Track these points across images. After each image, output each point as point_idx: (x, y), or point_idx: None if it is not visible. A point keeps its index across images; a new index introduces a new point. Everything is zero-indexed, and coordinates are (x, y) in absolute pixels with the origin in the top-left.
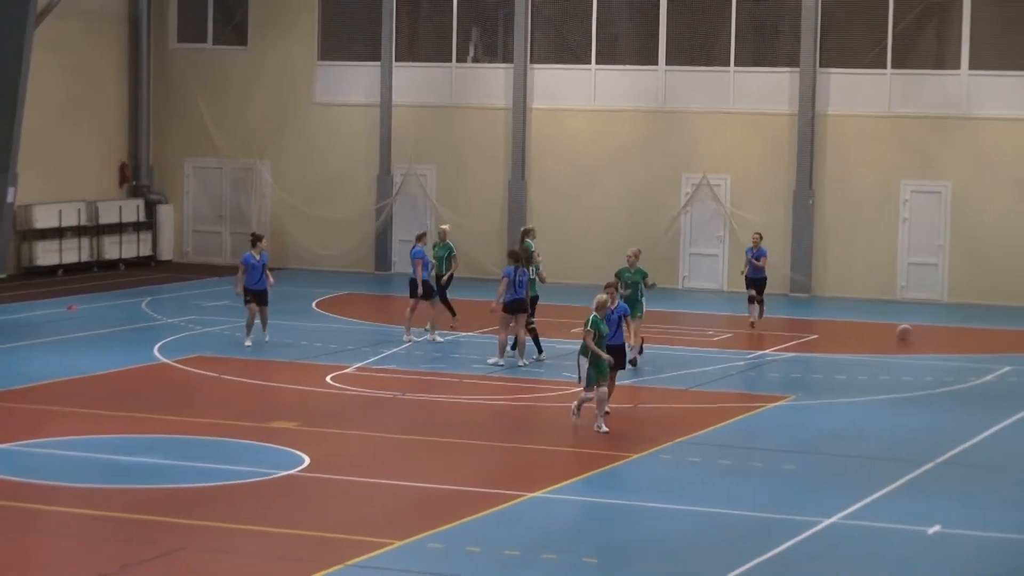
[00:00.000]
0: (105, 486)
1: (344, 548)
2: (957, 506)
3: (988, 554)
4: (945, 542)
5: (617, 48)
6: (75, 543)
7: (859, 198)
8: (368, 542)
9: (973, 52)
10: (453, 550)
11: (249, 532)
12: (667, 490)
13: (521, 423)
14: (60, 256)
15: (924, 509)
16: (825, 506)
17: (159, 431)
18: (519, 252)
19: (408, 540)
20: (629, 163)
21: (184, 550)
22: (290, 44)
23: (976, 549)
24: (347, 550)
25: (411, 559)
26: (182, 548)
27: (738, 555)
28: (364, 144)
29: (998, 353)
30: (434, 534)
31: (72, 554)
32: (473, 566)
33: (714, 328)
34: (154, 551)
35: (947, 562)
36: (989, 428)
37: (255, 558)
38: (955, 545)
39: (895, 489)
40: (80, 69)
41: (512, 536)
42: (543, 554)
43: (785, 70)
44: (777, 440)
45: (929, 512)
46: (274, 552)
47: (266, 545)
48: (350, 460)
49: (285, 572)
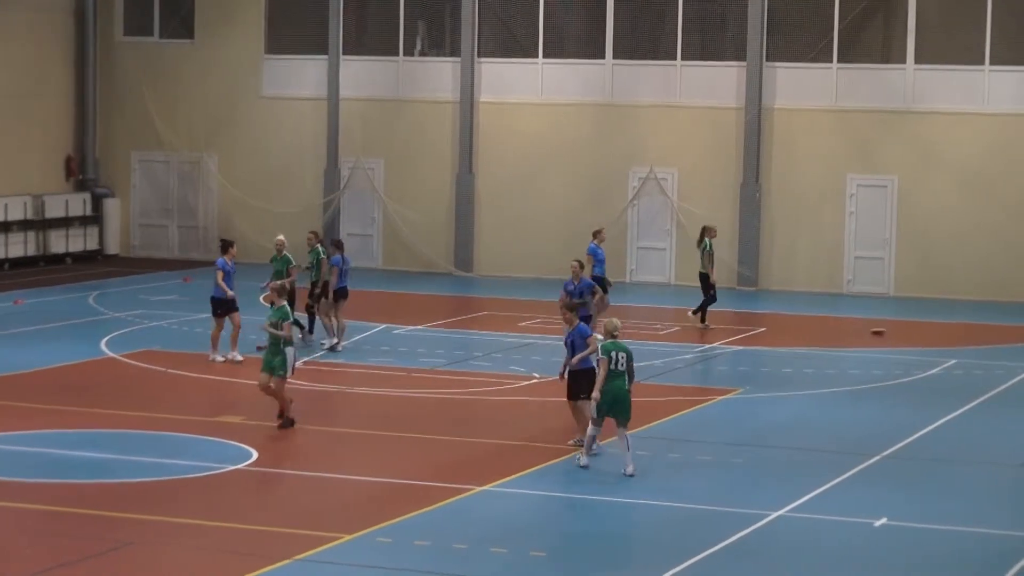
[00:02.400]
0: (52, 481)
1: (293, 542)
2: (903, 498)
3: (933, 545)
4: (891, 534)
5: (564, 42)
6: (20, 538)
7: (806, 192)
8: (317, 536)
9: (918, 46)
10: (402, 544)
11: (197, 526)
12: (616, 483)
13: (469, 417)
14: (6, 250)
15: (871, 501)
16: (773, 499)
17: (106, 426)
18: (341, 241)
19: (357, 534)
20: (576, 157)
21: (131, 545)
22: (237, 38)
23: (921, 541)
24: (296, 544)
25: (360, 553)
26: (130, 543)
27: (686, 548)
28: (311, 138)
29: (944, 347)
30: (383, 528)
31: (17, 549)
32: (422, 559)
33: (662, 322)
34: (101, 546)
35: (893, 553)
36: (935, 421)
37: (203, 552)
38: (901, 537)
39: (842, 482)
40: (25, 61)
41: (461, 529)
42: (492, 548)
43: (732, 64)
44: (725, 433)
45: (875, 504)
46: (222, 547)
47: (214, 540)
48: (298, 454)
49: (233, 567)
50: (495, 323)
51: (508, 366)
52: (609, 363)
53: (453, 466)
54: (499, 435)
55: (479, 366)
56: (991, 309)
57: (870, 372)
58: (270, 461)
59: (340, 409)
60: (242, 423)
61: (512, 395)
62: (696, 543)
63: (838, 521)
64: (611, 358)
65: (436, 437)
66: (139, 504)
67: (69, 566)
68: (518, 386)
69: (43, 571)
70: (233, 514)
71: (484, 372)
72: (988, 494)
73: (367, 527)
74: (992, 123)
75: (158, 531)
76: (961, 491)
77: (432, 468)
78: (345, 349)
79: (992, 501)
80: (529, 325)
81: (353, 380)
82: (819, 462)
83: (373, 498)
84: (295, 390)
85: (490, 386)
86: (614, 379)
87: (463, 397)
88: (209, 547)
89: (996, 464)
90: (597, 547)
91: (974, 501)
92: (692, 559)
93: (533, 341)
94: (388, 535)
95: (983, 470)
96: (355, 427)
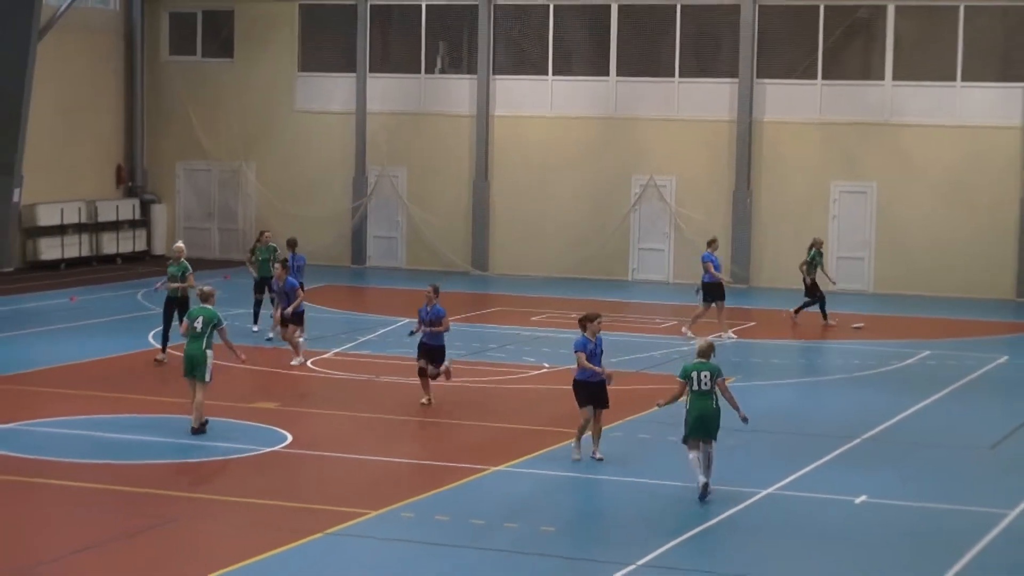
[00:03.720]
0: (102, 462)
1: (324, 518)
2: (882, 477)
3: (910, 520)
4: (871, 510)
5: (572, 60)
6: (75, 514)
7: (793, 198)
8: (346, 512)
9: (896, 64)
10: (424, 519)
11: (237, 504)
12: (619, 464)
13: (485, 403)
14: (62, 251)
15: (852, 480)
16: (763, 478)
17: (153, 411)
18: (295, 240)
19: (383, 510)
20: (583, 165)
21: (175, 521)
22: (272, 57)
23: (899, 516)
24: (327, 519)
25: (386, 527)
26: (174, 519)
27: (684, 522)
28: (341, 148)
29: (919, 339)
30: (406, 504)
31: (72, 524)
32: (442, 533)
33: (661, 316)
34: (148, 522)
35: (873, 528)
36: (911, 407)
37: (242, 527)
38: (880, 512)
39: (826, 462)
40: (80, 79)
41: (477, 506)
42: (505, 523)
43: (725, 81)
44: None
45: (857, 483)
46: (260, 522)
47: (253, 515)
48: (329, 438)
49: (270, 540)
50: (508, 318)
51: (521, 357)
52: (690, 384)
53: (471, 448)
54: (512, 420)
55: (494, 357)
56: (962, 305)
57: (852, 362)
58: (303, 444)
59: (368, 396)
60: (277, 409)
61: (524, 383)
62: (692, 518)
63: (822, 498)
64: (691, 379)
65: (455, 422)
66: (182, 483)
67: (116, 540)
68: (530, 375)
69: (94, 545)
70: (269, 492)
71: (499, 362)
72: (960, 473)
73: (392, 504)
74: (963, 135)
75: (200, 508)
76: (935, 471)
77: (451, 450)
78: (371, 341)
79: (963, 480)
80: (540, 319)
81: (380, 369)
82: (805, 444)
83: (397, 477)
84: (326, 379)
85: (504, 375)
86: (699, 399)
87: (480, 385)
88: (247, 522)
89: (967, 446)
90: (601, 522)
91: (947, 480)
92: (688, 532)
93: (544, 334)
94: (411, 511)
95: (955, 452)
96: (381, 412)
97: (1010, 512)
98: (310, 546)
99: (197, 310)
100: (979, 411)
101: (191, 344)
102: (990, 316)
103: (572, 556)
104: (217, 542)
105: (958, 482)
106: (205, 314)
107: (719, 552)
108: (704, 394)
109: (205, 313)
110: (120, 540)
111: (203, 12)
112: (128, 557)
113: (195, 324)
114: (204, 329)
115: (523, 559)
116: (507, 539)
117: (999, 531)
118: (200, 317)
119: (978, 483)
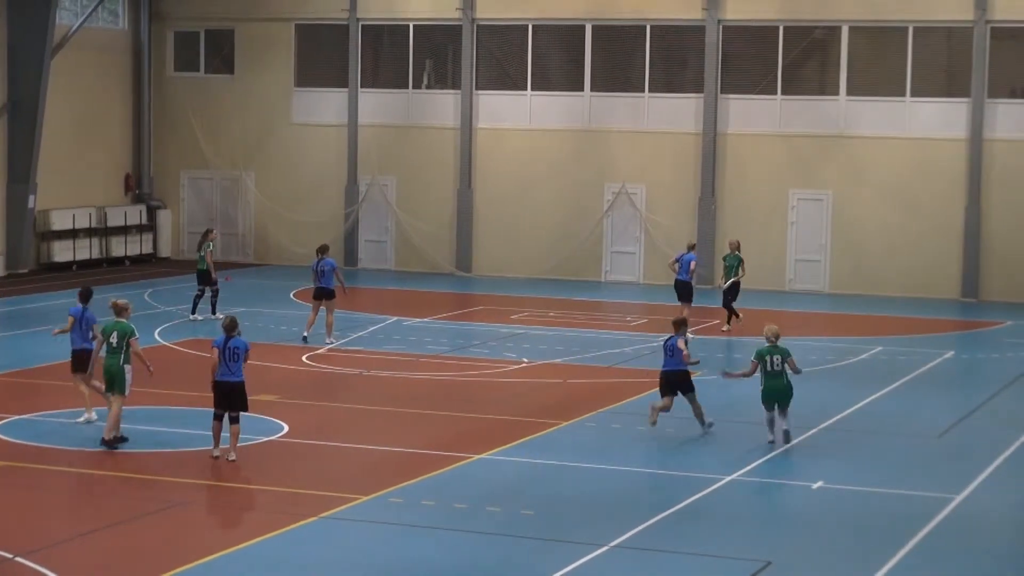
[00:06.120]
0: (113, 450)
1: (318, 502)
2: (837, 464)
3: (864, 504)
4: (827, 495)
5: (549, 76)
6: (86, 499)
7: (754, 204)
8: (338, 497)
9: (850, 80)
10: (411, 503)
11: (238, 489)
12: (593, 452)
13: (468, 396)
14: (74, 253)
15: (809, 467)
16: (725, 465)
17: (159, 403)
18: (327, 245)
19: (372, 495)
20: (559, 174)
21: (182, 504)
22: (270, 73)
23: (854, 500)
24: (321, 504)
25: (375, 511)
26: (181, 503)
27: (653, 507)
28: (334, 158)
29: (871, 336)
30: (394, 490)
31: (82, 509)
32: (428, 517)
33: (632, 315)
34: (156, 506)
35: (830, 512)
36: (863, 399)
37: (243, 511)
38: (836, 497)
39: (785, 451)
40: (91, 94)
41: (461, 491)
42: (487, 507)
43: (691, 96)
44: (686, 409)
45: (814, 470)
46: (259, 506)
47: (252, 500)
48: (323, 428)
49: (269, 523)
50: (491, 316)
51: (502, 353)
52: (763, 366)
53: (455, 438)
54: (494, 411)
55: (477, 352)
56: (912, 304)
57: (808, 357)
58: (299, 433)
59: (358, 389)
60: (276, 401)
61: (505, 377)
62: (661, 503)
63: (781, 484)
64: (765, 361)
65: (440, 413)
66: (189, 470)
67: (127, 522)
68: (510, 369)
69: (105, 526)
70: (268, 478)
71: (481, 358)
72: (910, 461)
73: (381, 489)
74: (912, 146)
75: (203, 493)
76: (887, 458)
77: (437, 439)
78: (362, 338)
79: (913, 467)
80: (520, 317)
81: (369, 364)
82: (764, 433)
83: (386, 465)
84: (321, 373)
85: (486, 369)
86: (773, 378)
87: (463, 379)
88: (248, 507)
89: (917, 436)
90: (577, 507)
91: (898, 467)
92: (657, 516)
93: (523, 331)
94: (399, 496)
95: (906, 441)
96: (371, 404)
97: (956, 496)
98: (305, 529)
99: (112, 324)
100: (927, 402)
101: (109, 359)
102: (937, 314)
103: (550, 538)
104: (220, 524)
105: (908, 469)
106: (120, 328)
107: (686, 534)
108: (776, 374)
109: (120, 327)
110: (129, 523)
111: (206, 31)
112: (136, 539)
113: (111, 339)
114: (120, 343)
115: (504, 540)
116: (489, 522)
117: (946, 514)
118: (115, 332)
119: (927, 470)
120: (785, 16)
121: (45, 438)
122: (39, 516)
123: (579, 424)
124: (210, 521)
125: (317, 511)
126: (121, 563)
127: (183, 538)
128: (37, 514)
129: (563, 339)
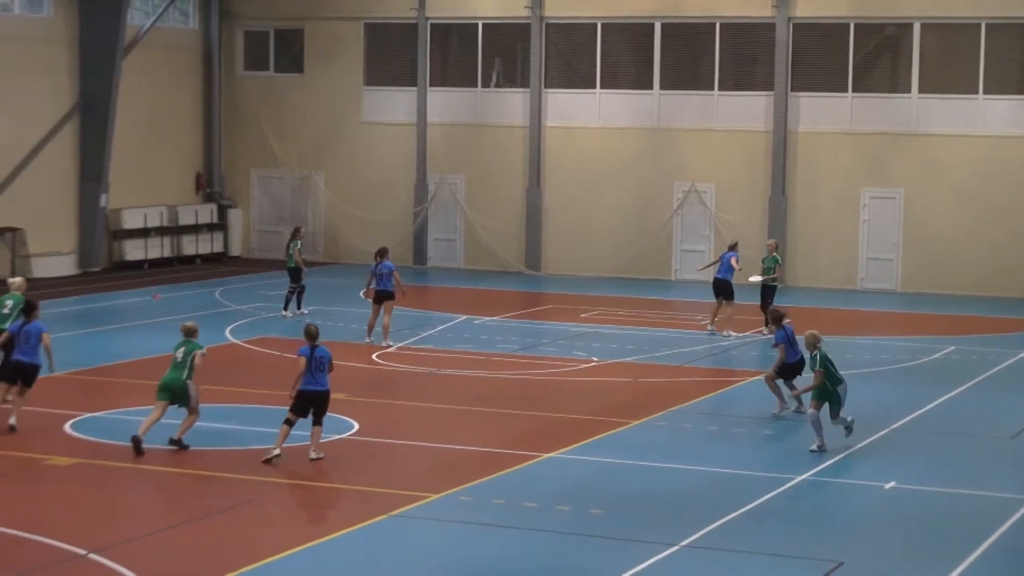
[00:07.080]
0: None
1: (388, 500)
2: (910, 464)
3: (937, 505)
4: (899, 495)
5: (618, 75)
6: (157, 497)
7: (825, 203)
8: (409, 495)
9: (922, 78)
10: (481, 502)
11: (308, 487)
12: (663, 451)
13: (537, 394)
14: (145, 252)
15: (882, 467)
16: (797, 465)
17: (231, 402)
18: (385, 248)
19: (442, 494)
20: (628, 173)
21: (251, 503)
22: (340, 72)
23: (927, 501)
24: (391, 502)
25: (445, 510)
26: (250, 501)
27: (724, 506)
28: (403, 157)
29: (943, 335)
30: (465, 488)
31: (155, 505)
32: (497, 515)
33: (702, 314)
34: (225, 504)
35: (903, 512)
36: (936, 399)
37: (313, 509)
38: (909, 497)
39: (857, 450)
40: (162, 93)
41: (530, 490)
42: (557, 506)
43: (761, 94)
44: (756, 409)
45: (886, 470)
46: (329, 503)
47: (322, 497)
48: (393, 426)
49: (339, 521)
50: (560, 315)
51: (572, 351)
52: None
53: (525, 436)
54: (563, 410)
55: (547, 351)
56: (985, 303)
57: (880, 357)
58: (369, 432)
59: (429, 387)
60: (346, 399)
61: (575, 376)
62: (732, 502)
63: (854, 484)
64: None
65: (510, 412)
66: (259, 468)
67: (198, 520)
68: (580, 368)
69: (176, 524)
70: (337, 476)
71: (551, 356)
72: (983, 461)
73: (451, 488)
74: (985, 143)
75: (274, 491)
76: (959, 459)
77: (507, 438)
78: (432, 337)
79: (986, 467)
80: (589, 316)
81: (440, 363)
82: (837, 433)
83: (456, 463)
84: (391, 372)
85: (556, 368)
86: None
87: (533, 377)
88: (317, 504)
89: (990, 436)
90: (646, 505)
91: (971, 467)
92: (728, 515)
93: (593, 330)
94: (469, 495)
95: (979, 441)
96: (441, 403)
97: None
98: (375, 527)
99: (181, 341)
100: (1001, 403)
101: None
102: (1010, 314)
103: (620, 537)
104: (288, 522)
105: (981, 469)
106: (188, 345)
107: (757, 534)
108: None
109: (188, 344)
110: (199, 521)
111: (275, 30)
112: (206, 536)
113: (176, 354)
114: (184, 359)
115: (573, 539)
116: (558, 521)
117: (1020, 515)
118: (182, 348)
119: (999, 470)
120: (856, 13)
121: (115, 435)
122: (110, 513)
123: (649, 423)
124: (280, 519)
125: (387, 509)
126: (191, 560)
127: (252, 536)
128: (108, 511)
129: (633, 338)
